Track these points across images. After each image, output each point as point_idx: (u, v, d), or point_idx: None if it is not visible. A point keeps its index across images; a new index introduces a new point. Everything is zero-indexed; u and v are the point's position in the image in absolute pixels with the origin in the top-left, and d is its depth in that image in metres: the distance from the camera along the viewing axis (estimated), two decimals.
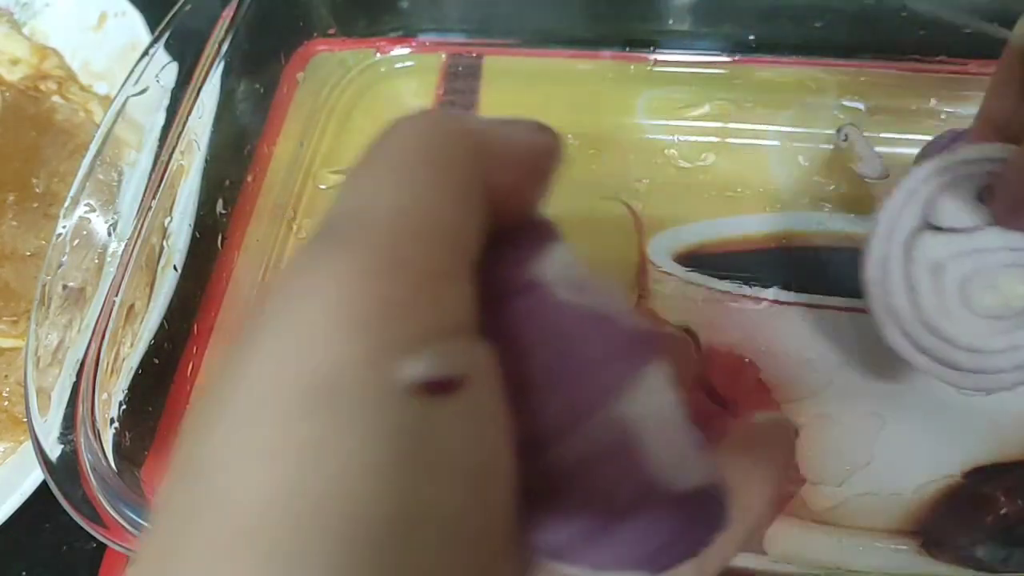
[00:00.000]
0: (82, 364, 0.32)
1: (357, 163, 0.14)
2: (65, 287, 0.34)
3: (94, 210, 0.35)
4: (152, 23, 0.48)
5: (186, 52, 0.40)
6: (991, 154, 0.27)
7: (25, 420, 0.31)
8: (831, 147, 0.43)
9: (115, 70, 0.49)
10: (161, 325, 0.36)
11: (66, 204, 0.35)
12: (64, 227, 0.35)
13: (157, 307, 0.36)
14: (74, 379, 0.32)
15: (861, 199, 0.42)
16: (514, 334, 0.14)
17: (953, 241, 0.27)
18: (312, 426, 0.11)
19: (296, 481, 0.11)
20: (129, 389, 0.34)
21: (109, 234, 0.35)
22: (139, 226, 0.35)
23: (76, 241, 0.35)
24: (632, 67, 0.47)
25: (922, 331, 0.29)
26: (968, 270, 0.27)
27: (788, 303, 0.38)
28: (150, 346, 0.35)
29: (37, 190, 0.44)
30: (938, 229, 0.28)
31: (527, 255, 0.16)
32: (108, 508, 0.30)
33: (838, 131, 0.43)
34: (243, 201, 0.43)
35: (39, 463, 0.30)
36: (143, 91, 0.38)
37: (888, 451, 0.34)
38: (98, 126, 0.38)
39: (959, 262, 0.27)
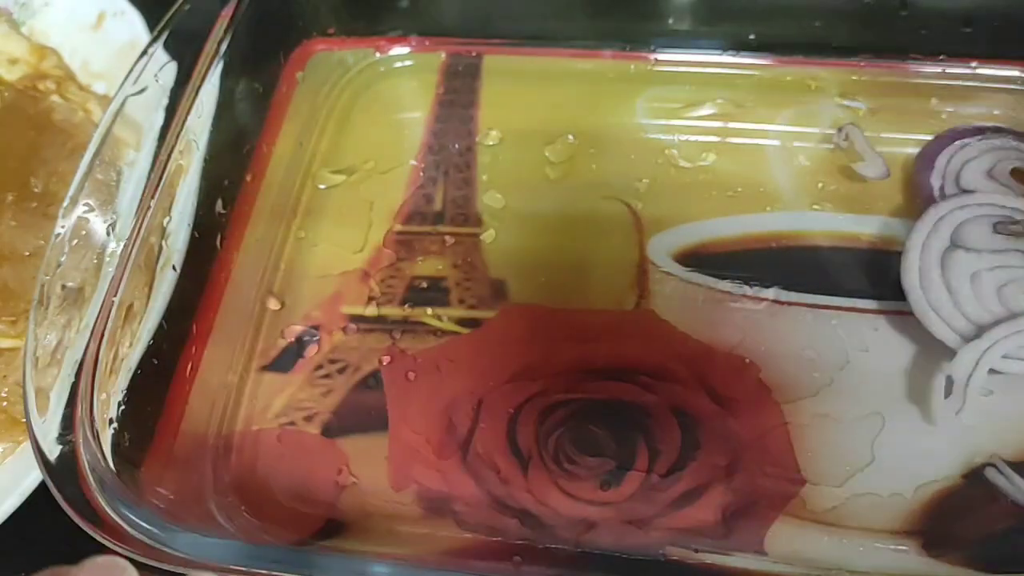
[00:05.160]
0: (81, 364, 0.32)
1: None
2: (64, 287, 0.34)
3: (93, 210, 0.35)
4: (151, 22, 0.48)
5: (185, 51, 0.40)
6: (1001, 201, 0.38)
7: (24, 420, 0.31)
8: (831, 147, 0.43)
9: (114, 69, 0.49)
10: (160, 325, 0.36)
11: (65, 204, 0.35)
12: (63, 227, 0.35)
13: (156, 307, 0.36)
14: (73, 379, 0.32)
15: (861, 199, 0.42)
16: None
17: (982, 258, 0.36)
18: None
19: None
20: (128, 389, 0.34)
21: (108, 234, 0.35)
22: (138, 226, 0.35)
23: (75, 241, 0.35)
24: (632, 67, 0.47)
25: (963, 322, 0.36)
26: (1003, 279, 0.36)
27: (788, 303, 0.38)
28: (149, 346, 0.35)
29: (36, 190, 0.44)
30: (965, 249, 0.37)
31: None
32: (107, 508, 0.29)
33: (839, 131, 0.43)
34: (242, 201, 0.43)
35: (38, 463, 0.30)
36: (142, 90, 0.38)
37: (888, 451, 0.34)
38: (97, 126, 0.38)
39: (993, 274, 0.36)
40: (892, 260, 0.39)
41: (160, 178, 0.37)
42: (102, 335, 0.33)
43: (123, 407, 0.34)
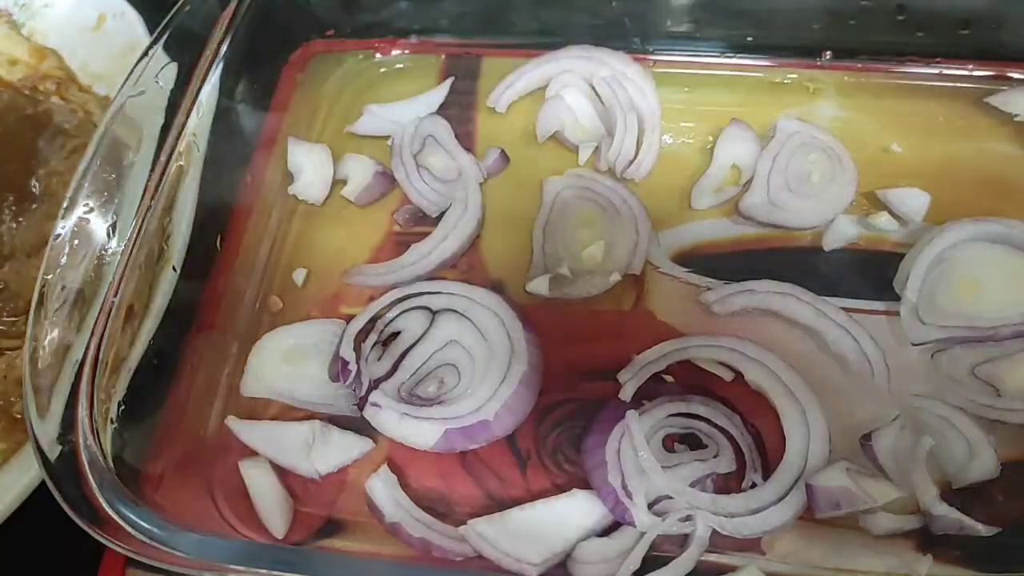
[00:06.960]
0: (81, 364, 0.32)
1: None
2: (64, 287, 0.34)
3: (93, 210, 0.36)
4: (151, 24, 0.48)
5: (185, 53, 0.40)
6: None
7: (24, 420, 0.31)
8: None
9: (114, 71, 0.49)
10: (160, 325, 0.36)
11: (65, 205, 0.35)
12: (63, 228, 0.35)
13: (156, 307, 0.36)
14: (73, 379, 0.32)
15: (861, 200, 0.42)
16: None
17: None
18: None
19: None
20: (128, 389, 0.34)
21: (108, 235, 0.35)
22: (138, 226, 0.36)
23: (75, 241, 0.35)
24: None
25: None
26: None
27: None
28: (149, 346, 0.36)
29: (36, 190, 0.44)
30: None
31: None
32: (107, 508, 0.30)
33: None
34: (242, 201, 0.43)
35: (38, 463, 0.30)
36: (142, 92, 0.39)
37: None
38: (97, 127, 0.38)
39: None
40: (892, 260, 0.39)
41: (160, 179, 0.37)
42: (102, 335, 0.33)
43: (123, 407, 0.34)
